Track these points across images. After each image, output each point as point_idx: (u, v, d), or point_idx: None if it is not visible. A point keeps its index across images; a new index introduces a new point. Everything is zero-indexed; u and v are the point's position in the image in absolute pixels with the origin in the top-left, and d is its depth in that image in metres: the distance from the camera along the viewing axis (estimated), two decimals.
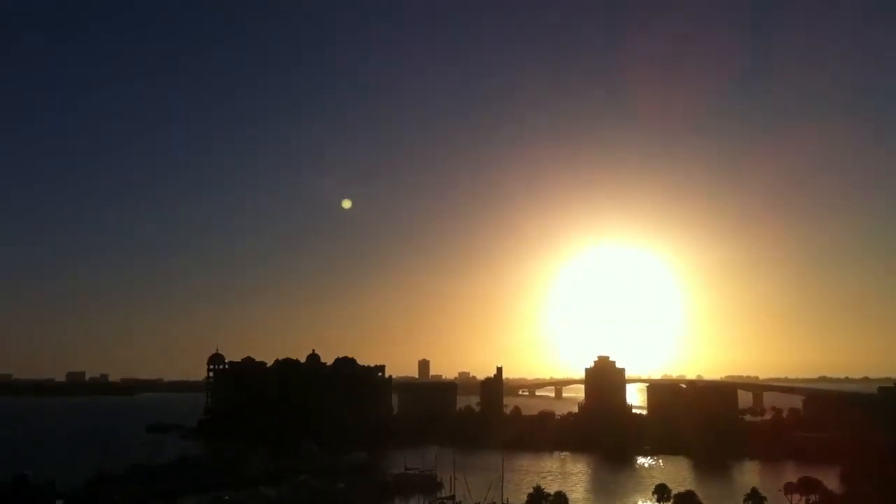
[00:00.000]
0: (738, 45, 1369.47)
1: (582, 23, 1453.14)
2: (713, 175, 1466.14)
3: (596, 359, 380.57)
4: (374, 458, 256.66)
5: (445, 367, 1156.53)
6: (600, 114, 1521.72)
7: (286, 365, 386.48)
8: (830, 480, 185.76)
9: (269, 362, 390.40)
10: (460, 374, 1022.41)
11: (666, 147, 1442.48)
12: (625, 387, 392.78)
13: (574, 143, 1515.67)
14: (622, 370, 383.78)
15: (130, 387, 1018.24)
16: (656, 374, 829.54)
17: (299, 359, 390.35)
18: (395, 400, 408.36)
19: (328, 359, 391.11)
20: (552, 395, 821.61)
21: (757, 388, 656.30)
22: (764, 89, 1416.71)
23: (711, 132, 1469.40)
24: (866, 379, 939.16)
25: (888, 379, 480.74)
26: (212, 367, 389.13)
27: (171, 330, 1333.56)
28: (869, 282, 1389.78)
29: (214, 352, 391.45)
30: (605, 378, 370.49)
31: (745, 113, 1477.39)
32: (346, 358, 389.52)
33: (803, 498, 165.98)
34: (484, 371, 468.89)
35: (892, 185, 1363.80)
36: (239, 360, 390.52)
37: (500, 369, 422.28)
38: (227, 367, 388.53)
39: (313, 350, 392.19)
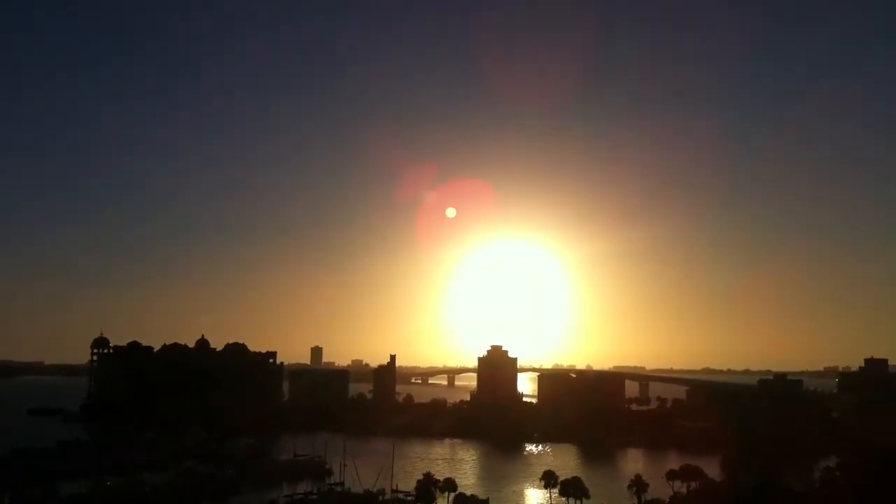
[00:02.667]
0: (598, 35, 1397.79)
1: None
2: (600, 166, 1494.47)
3: (489, 348, 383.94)
4: (263, 444, 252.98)
5: (339, 355, 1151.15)
6: (488, 106, 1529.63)
7: (174, 350, 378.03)
8: (711, 468, 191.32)
9: (157, 347, 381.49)
10: (353, 361, 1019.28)
11: (555, 140, 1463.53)
12: (516, 376, 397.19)
13: (468, 134, 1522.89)
14: (514, 359, 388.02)
15: (9, 369, 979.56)
16: (548, 364, 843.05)
17: (188, 344, 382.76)
18: (286, 387, 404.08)
19: (218, 344, 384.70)
20: (445, 383, 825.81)
21: (643, 378, 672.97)
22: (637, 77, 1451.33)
23: (597, 125, 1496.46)
24: (748, 371, 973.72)
25: (768, 371, 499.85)
26: (96, 350, 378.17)
27: (52, 312, 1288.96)
28: (751, 277, 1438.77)
29: (99, 335, 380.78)
30: (497, 367, 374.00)
31: (621, 102, 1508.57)
32: (236, 344, 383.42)
33: (684, 484, 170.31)
34: (378, 359, 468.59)
35: (770, 179, 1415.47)
36: (124, 344, 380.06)
37: (393, 357, 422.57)
38: (111, 351, 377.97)
39: (202, 335, 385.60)
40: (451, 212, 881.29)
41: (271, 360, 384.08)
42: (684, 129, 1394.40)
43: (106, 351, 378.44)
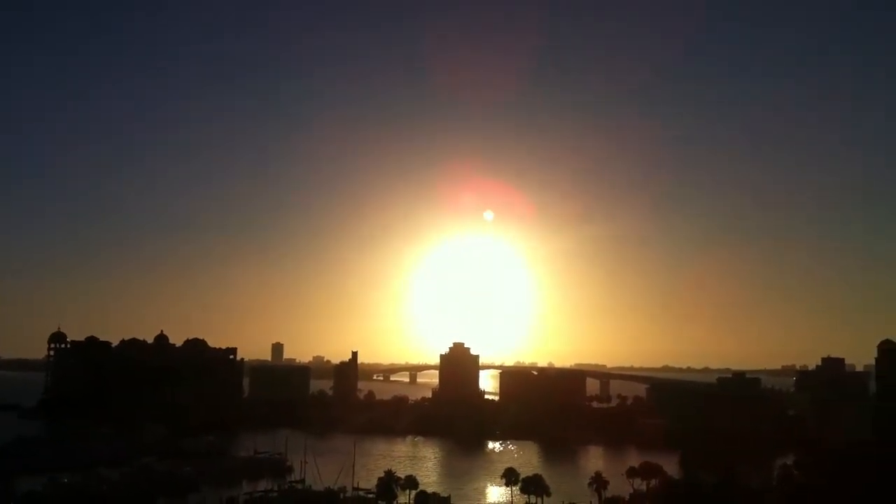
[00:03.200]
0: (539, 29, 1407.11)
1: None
2: (563, 163, 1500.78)
3: (451, 345, 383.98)
4: (223, 441, 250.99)
5: (300, 351, 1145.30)
6: (453, 102, 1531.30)
7: (132, 345, 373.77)
8: (670, 466, 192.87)
9: (115, 342, 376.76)
10: (315, 358, 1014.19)
11: (516, 135, 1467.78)
12: (478, 373, 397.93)
13: (423, 129, 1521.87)
14: (476, 356, 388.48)
15: None
16: (510, 361, 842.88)
17: (147, 339, 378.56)
18: (246, 383, 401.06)
19: (178, 340, 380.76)
20: (407, 380, 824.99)
21: (604, 375, 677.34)
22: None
23: (559, 121, 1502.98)
24: (707, 369, 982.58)
25: (727, 370, 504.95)
26: (53, 345, 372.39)
27: (8, 306, 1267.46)
28: (711, 276, 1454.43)
29: (56, 330, 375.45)
30: (459, 364, 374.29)
31: (581, 100, 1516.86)
32: (196, 339, 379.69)
33: (644, 482, 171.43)
34: (339, 355, 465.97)
35: (728, 177, 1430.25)
36: (82, 339, 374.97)
37: (354, 354, 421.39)
38: (69, 345, 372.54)
39: (161, 331, 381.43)
40: (488, 214, 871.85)
41: (231, 357, 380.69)
42: (643, 127, 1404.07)
43: (63, 346, 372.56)
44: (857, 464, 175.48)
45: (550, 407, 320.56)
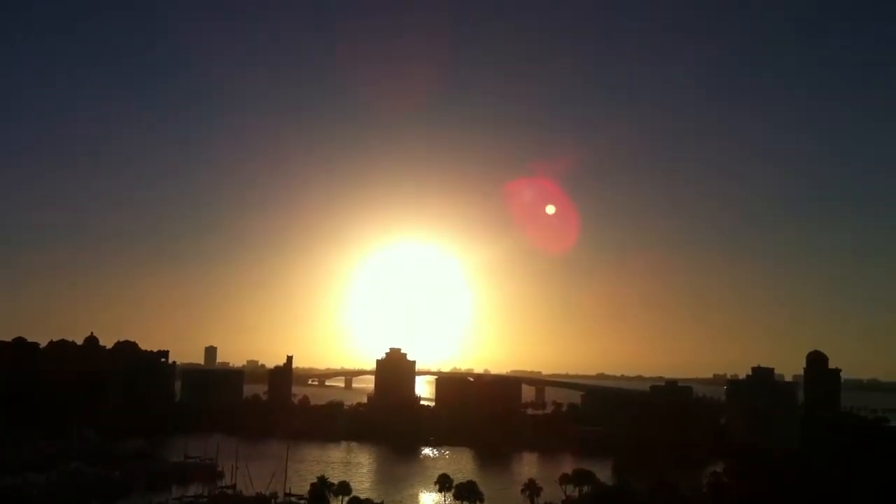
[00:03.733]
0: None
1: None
2: (498, 168, 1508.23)
3: (387, 350, 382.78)
4: (153, 445, 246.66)
5: (234, 355, 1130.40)
6: (389, 109, 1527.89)
7: (61, 347, 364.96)
8: (603, 472, 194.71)
9: (44, 344, 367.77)
10: (249, 362, 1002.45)
11: (447, 142, 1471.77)
12: (414, 379, 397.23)
13: (362, 137, 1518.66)
14: (412, 362, 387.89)
15: None
16: (446, 367, 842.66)
17: (76, 341, 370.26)
18: (178, 387, 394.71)
19: (108, 342, 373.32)
20: (342, 385, 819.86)
21: (540, 382, 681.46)
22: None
23: (483, 129, 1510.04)
24: (640, 377, 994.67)
25: (660, 378, 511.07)
26: None
27: None
28: (645, 285, 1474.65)
29: None
30: (395, 369, 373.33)
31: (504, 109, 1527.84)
32: (126, 342, 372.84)
33: (577, 488, 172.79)
34: (274, 360, 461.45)
35: (662, 188, 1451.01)
36: (9, 339, 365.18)
37: (289, 358, 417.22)
38: None
39: (91, 333, 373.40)
40: (550, 209, 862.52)
41: (163, 360, 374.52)
42: (576, 134, 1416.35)
43: None
44: (786, 472, 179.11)
45: (486, 413, 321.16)
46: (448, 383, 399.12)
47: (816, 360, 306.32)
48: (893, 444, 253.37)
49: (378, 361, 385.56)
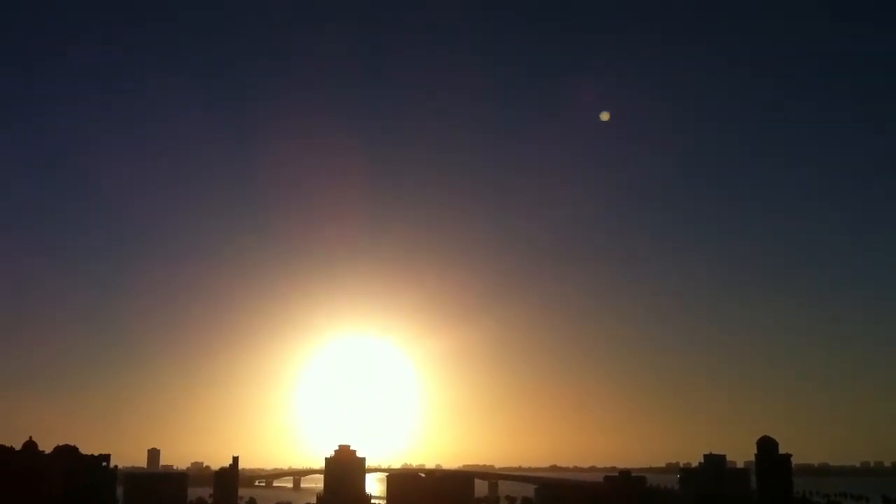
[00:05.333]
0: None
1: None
2: (444, 259, 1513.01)
3: (336, 448, 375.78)
4: None
5: (178, 457, 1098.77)
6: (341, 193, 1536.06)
7: None
8: None
9: None
10: (193, 464, 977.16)
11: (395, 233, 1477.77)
12: (364, 476, 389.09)
13: (306, 228, 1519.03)
14: (362, 459, 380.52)
15: None
16: (397, 464, 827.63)
17: (14, 446, 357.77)
18: (120, 492, 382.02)
19: (47, 447, 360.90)
20: (291, 486, 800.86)
21: (493, 476, 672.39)
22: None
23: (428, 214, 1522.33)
24: (593, 468, 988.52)
25: (613, 468, 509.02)
26: None
27: None
28: (595, 374, 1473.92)
29: None
30: (344, 468, 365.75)
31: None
32: (66, 446, 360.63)
33: None
34: (220, 461, 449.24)
35: (602, 276, 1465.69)
36: None
37: (235, 459, 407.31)
38: None
39: (30, 437, 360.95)
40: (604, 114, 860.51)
41: (104, 464, 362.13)
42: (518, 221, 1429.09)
43: None
44: None
45: None
46: (399, 480, 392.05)
47: (767, 446, 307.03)
48: None
49: (327, 459, 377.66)
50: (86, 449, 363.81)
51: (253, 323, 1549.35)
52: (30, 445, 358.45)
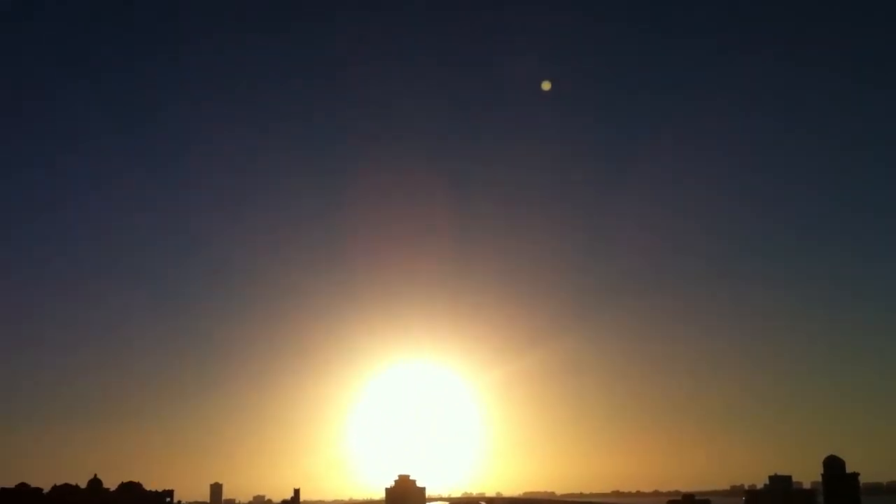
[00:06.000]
0: None
1: None
2: (506, 285, 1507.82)
3: (396, 478, 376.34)
4: None
5: (240, 490, 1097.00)
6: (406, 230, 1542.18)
7: (65, 491, 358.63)
8: None
9: (47, 488, 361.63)
10: (255, 497, 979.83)
11: (461, 260, 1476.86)
12: None
13: (369, 256, 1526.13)
14: (422, 489, 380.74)
15: None
16: (457, 492, 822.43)
17: (80, 484, 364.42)
18: None
19: (112, 484, 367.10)
20: None
21: (554, 503, 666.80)
22: None
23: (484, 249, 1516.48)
24: (657, 492, 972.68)
25: (676, 492, 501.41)
26: None
27: None
28: (655, 396, 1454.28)
29: None
30: (405, 497, 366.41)
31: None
32: (130, 483, 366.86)
33: None
34: (281, 494, 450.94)
35: (663, 300, 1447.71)
36: (12, 486, 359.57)
37: (297, 491, 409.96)
38: None
39: (95, 474, 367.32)
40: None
41: (168, 499, 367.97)
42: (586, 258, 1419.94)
43: None
44: None
45: None
46: None
47: (834, 465, 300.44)
48: None
49: (387, 490, 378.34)
50: (149, 485, 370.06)
51: (310, 351, 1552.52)
52: (95, 483, 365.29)
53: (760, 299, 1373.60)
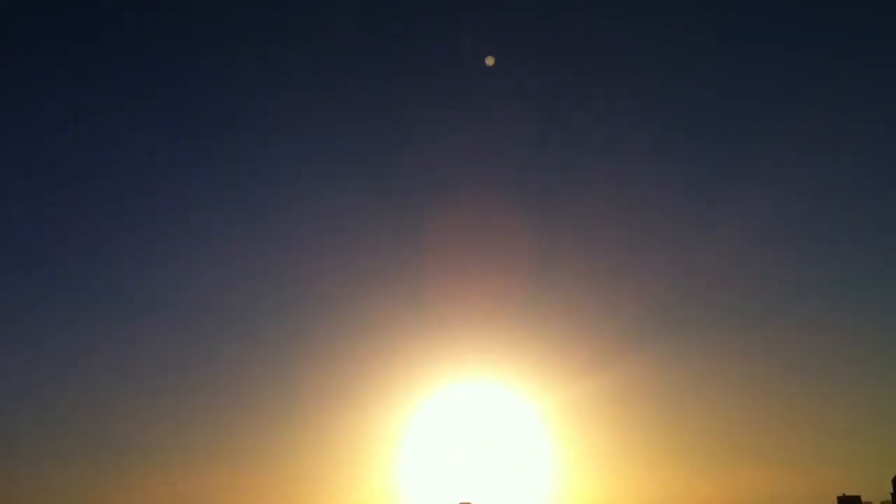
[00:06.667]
0: None
1: None
2: (572, 305, 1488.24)
3: None
4: None
5: None
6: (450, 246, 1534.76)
7: None
8: None
9: None
10: None
11: (514, 279, 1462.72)
12: None
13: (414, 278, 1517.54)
14: None
15: None
16: None
17: None
18: None
19: None
20: None
21: None
22: None
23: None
24: None
25: None
26: None
27: None
28: (721, 417, 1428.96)
29: None
30: None
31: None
32: None
33: None
34: None
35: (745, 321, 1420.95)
36: None
37: None
38: None
39: None
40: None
41: None
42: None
43: None
44: None
45: None
46: None
47: None
48: None
49: None
50: None
51: (366, 374, 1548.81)
52: None
53: (827, 306, 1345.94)
